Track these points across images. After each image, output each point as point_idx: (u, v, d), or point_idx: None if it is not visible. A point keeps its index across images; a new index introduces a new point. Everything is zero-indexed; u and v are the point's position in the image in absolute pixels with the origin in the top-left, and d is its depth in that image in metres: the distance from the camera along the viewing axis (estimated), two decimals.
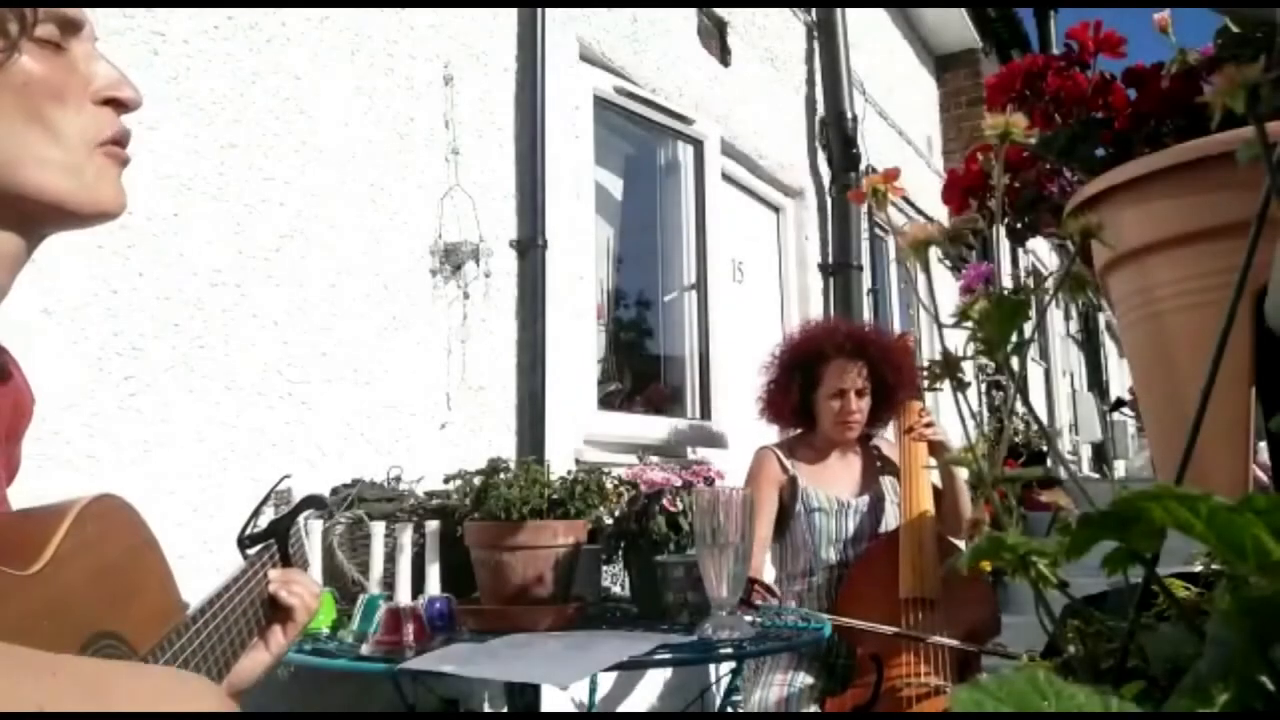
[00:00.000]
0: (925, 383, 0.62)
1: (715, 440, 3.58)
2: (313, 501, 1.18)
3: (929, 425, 2.59)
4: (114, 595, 0.74)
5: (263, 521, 1.08)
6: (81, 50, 0.71)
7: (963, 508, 2.53)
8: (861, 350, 2.58)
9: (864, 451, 2.72)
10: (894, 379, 2.61)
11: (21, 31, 0.66)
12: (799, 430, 2.73)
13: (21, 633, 0.61)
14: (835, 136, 4.80)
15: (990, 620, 2.41)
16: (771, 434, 2.90)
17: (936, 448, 2.59)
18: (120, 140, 0.73)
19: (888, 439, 2.86)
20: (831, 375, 2.59)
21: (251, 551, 1.04)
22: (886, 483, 2.66)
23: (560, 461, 2.66)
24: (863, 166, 4.81)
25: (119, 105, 0.72)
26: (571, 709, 2.65)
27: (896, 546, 2.44)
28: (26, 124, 0.67)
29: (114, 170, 0.72)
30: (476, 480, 1.82)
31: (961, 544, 2.60)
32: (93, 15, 0.74)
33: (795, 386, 2.65)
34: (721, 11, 4.11)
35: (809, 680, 2.43)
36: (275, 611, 1.02)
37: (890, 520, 2.58)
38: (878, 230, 5.35)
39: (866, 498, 2.61)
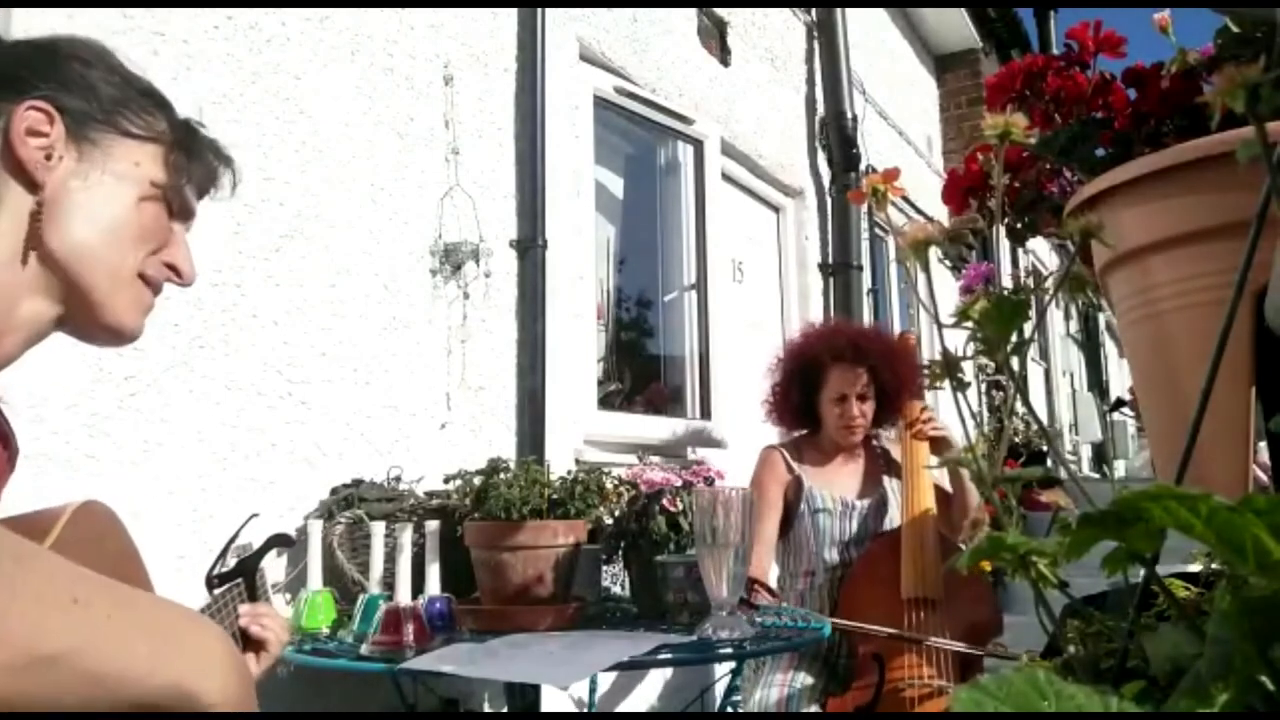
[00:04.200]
0: (926, 383, 0.62)
1: (715, 440, 3.58)
2: (279, 540, 1.21)
3: (929, 421, 2.56)
4: None
5: (231, 561, 1.10)
6: (180, 230, 0.90)
7: (970, 502, 2.50)
8: (862, 356, 2.58)
9: (869, 453, 2.72)
10: (896, 382, 2.60)
11: (180, 179, 0.86)
12: (804, 431, 2.74)
13: None
14: (835, 136, 4.79)
15: (992, 620, 2.41)
16: (772, 434, 2.90)
17: (940, 444, 2.57)
18: (158, 286, 0.89)
19: (891, 439, 2.86)
20: (833, 381, 2.59)
21: (218, 591, 1.05)
22: (892, 484, 2.65)
23: (560, 461, 2.67)
24: (863, 166, 4.81)
25: (176, 273, 0.89)
26: (571, 709, 2.65)
27: (898, 546, 2.44)
28: (132, 243, 0.83)
29: (146, 301, 0.87)
30: (476, 480, 1.82)
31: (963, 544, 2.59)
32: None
33: (798, 391, 2.65)
34: (721, 11, 4.11)
35: (809, 680, 2.43)
36: (246, 645, 1.05)
37: (895, 522, 2.58)
38: (878, 230, 5.35)
39: (871, 500, 2.61)
